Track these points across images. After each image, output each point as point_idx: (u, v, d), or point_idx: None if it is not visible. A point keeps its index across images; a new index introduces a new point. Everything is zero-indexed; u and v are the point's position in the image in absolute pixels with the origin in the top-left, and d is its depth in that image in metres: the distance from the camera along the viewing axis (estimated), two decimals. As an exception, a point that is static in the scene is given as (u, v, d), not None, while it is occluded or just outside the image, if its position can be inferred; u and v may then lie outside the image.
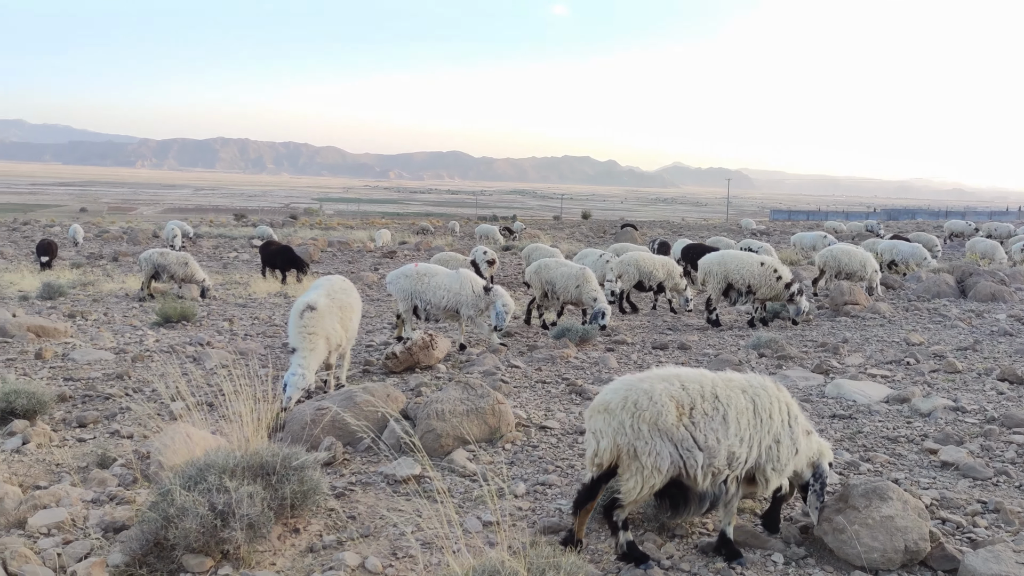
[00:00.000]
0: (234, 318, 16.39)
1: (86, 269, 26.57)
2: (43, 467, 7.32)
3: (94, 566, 5.00)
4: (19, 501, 6.20)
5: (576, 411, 8.51)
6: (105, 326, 15.37)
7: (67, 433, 8.32)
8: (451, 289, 12.20)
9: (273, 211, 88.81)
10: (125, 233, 43.04)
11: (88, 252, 32.95)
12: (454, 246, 37.03)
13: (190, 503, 5.11)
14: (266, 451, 5.79)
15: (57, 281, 21.17)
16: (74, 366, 11.35)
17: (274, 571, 5.11)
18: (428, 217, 77.68)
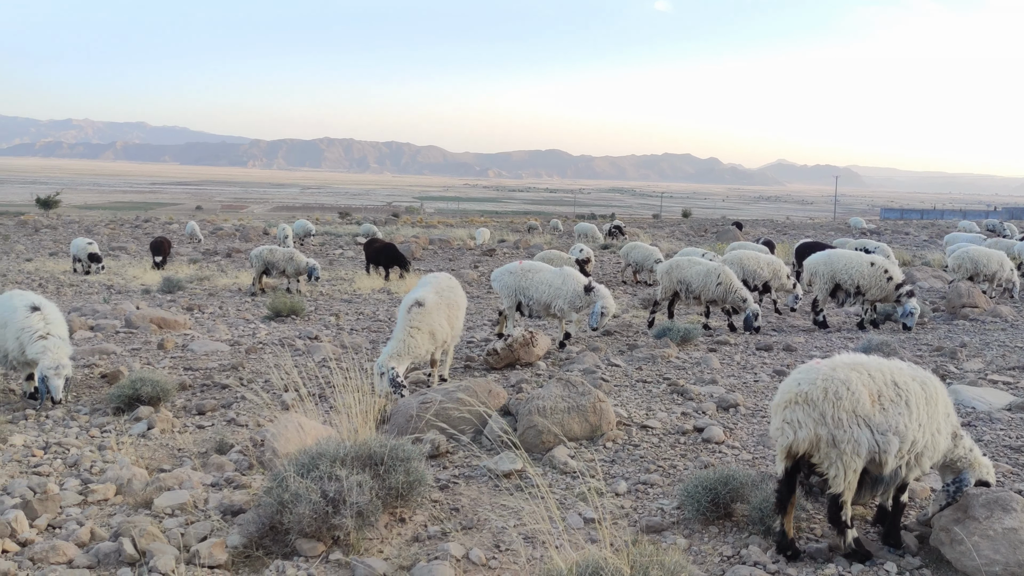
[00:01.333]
0: (340, 313, 16.88)
1: (202, 265, 27.84)
2: (166, 451, 7.73)
3: (214, 547, 5.27)
4: (145, 483, 6.58)
5: (678, 411, 8.43)
6: (220, 319, 16.08)
7: (187, 420, 8.76)
8: (552, 285, 12.25)
9: (376, 209, 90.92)
10: (237, 230, 44.83)
11: (204, 248, 34.49)
12: (553, 244, 37.11)
13: (303, 490, 5.31)
14: (374, 442, 5.97)
15: (176, 276, 22.27)
16: (193, 356, 11.93)
17: (382, 558, 5.27)
18: (526, 215, 78.04)
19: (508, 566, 5.15)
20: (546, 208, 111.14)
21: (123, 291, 20.84)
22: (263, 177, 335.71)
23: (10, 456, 7.37)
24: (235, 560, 5.28)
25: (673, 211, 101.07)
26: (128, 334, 13.86)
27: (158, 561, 5.05)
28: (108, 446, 7.69)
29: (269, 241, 38.60)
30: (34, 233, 40.89)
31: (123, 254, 31.31)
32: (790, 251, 28.97)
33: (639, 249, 23.32)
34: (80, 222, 50.61)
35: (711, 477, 5.75)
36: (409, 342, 9.31)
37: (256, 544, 5.42)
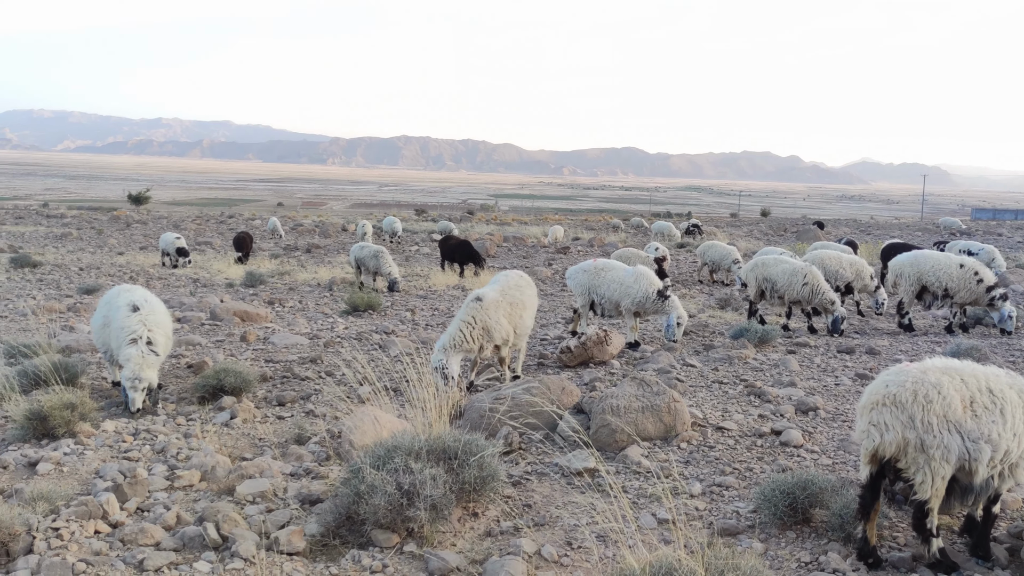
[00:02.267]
0: (416, 309, 17.10)
1: (283, 260, 28.53)
2: (248, 440, 7.96)
3: (293, 534, 5.40)
4: (228, 470, 6.79)
5: (755, 413, 8.28)
6: (300, 313, 16.46)
7: (268, 410, 9.00)
8: (624, 283, 12.15)
9: (451, 207, 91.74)
10: (317, 227, 45.80)
11: (284, 244, 35.36)
12: (628, 243, 36.84)
13: (379, 481, 5.41)
14: (448, 436, 6.03)
15: (258, 270, 22.90)
16: (273, 349, 12.25)
17: (455, 551, 5.32)
18: (601, 214, 77.66)
19: (580, 564, 5.14)
20: (621, 206, 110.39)
21: (208, 284, 21.52)
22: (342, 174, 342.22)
23: (102, 441, 7.69)
24: (313, 548, 5.40)
25: (751, 210, 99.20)
26: (213, 326, 14.31)
27: (240, 546, 5.20)
28: (193, 434, 7.96)
29: (348, 238, 39.33)
30: (126, 228, 42.55)
31: (208, 249, 32.33)
32: (874, 252, 28.14)
33: (716, 248, 22.97)
34: (168, 217, 52.49)
35: (789, 481, 5.63)
36: (458, 336, 9.36)
37: (333, 533, 5.54)
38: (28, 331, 13.25)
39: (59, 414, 7.84)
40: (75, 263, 25.62)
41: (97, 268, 24.42)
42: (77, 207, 65.24)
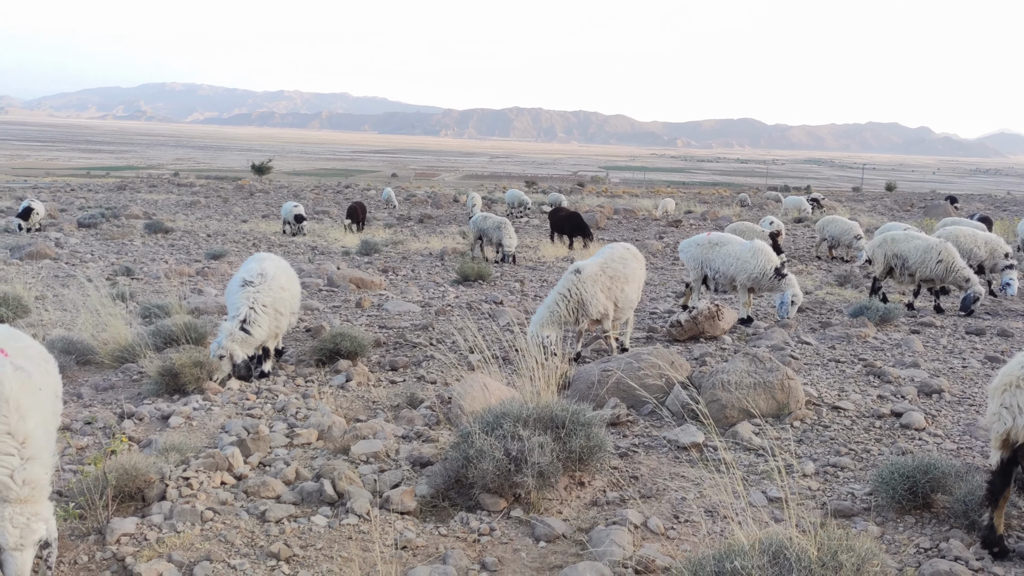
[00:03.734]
0: (525, 279, 17.20)
1: (396, 229, 29.18)
2: (362, 403, 8.23)
3: (404, 494, 5.57)
4: (344, 430, 7.05)
5: (873, 393, 7.98)
6: (412, 281, 16.83)
7: (381, 375, 9.28)
8: (740, 258, 11.86)
9: (561, 178, 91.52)
10: (429, 197, 46.56)
11: (398, 214, 36.12)
12: (742, 216, 35.90)
13: (488, 447, 5.50)
14: (556, 405, 6.07)
15: (372, 239, 23.50)
16: (387, 316, 12.58)
17: (560, 519, 5.37)
18: (715, 187, 75.90)
19: (687, 537, 5.11)
20: (736, 179, 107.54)
21: (325, 252, 22.24)
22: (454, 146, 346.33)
23: (228, 398, 8.11)
24: (423, 508, 5.56)
25: (875, 184, 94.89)
26: (330, 292, 14.81)
27: (355, 503, 5.41)
28: (311, 394, 8.29)
29: (459, 208, 39.83)
30: (249, 197, 44.36)
31: (326, 218, 33.35)
32: (1010, 229, 26.51)
33: (836, 223, 22.08)
34: (289, 187, 54.41)
35: (909, 464, 5.41)
36: (555, 310, 9.35)
37: (442, 495, 5.68)
38: (161, 293, 14.05)
39: (189, 371, 8.31)
40: (203, 229, 26.92)
41: (223, 235, 25.59)
42: (205, 176, 68.44)
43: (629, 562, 4.69)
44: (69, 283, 15.09)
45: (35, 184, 52.77)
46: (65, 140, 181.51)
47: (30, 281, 15.22)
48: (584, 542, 5.03)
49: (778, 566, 3.87)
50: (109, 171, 78.99)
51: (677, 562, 4.45)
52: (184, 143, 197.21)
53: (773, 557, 3.91)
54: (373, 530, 5.08)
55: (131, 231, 24.97)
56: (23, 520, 4.00)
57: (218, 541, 4.97)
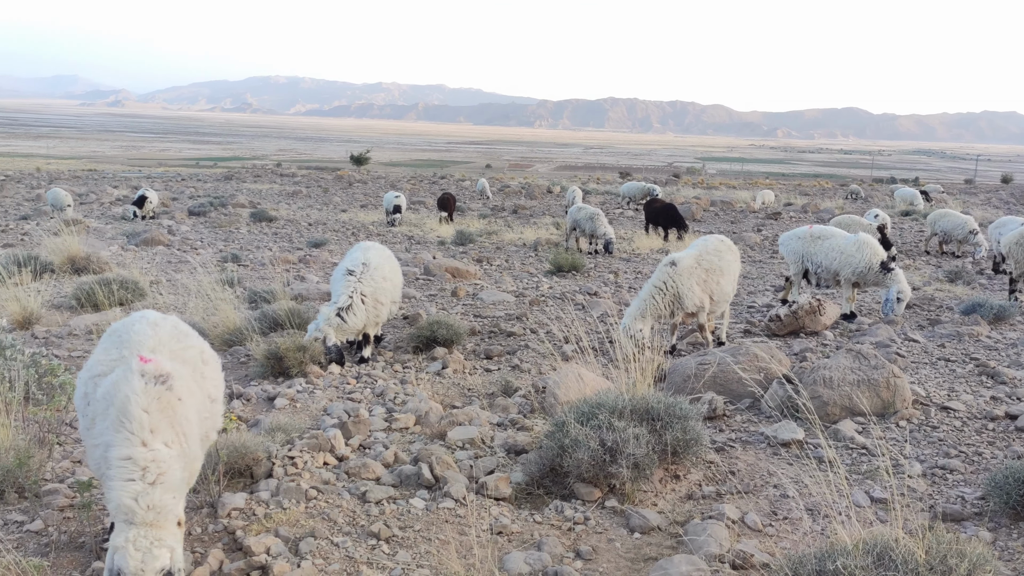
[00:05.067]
0: (619, 271, 17.11)
1: (490, 220, 29.39)
2: (457, 390, 8.36)
3: (500, 480, 5.65)
4: (440, 416, 7.18)
5: (986, 394, 7.62)
6: (506, 271, 16.96)
7: (476, 363, 9.40)
8: (845, 252, 11.49)
9: (656, 169, 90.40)
10: (523, 188, 46.73)
11: (492, 205, 36.39)
12: (845, 209, 34.73)
13: (583, 436, 5.52)
14: (652, 397, 6.04)
15: (467, 229, 23.75)
16: (482, 305, 12.72)
17: (655, 511, 5.35)
18: (816, 179, 73.65)
19: (786, 535, 5.02)
20: (839, 171, 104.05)
21: (421, 242, 22.61)
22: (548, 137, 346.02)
23: (329, 382, 8.37)
24: (517, 495, 5.63)
25: (990, 176, 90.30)
26: (426, 281, 15.07)
27: (451, 488, 5.51)
28: (408, 380, 8.47)
29: (553, 199, 39.85)
30: (348, 187, 45.44)
31: (422, 208, 33.88)
32: None
33: (949, 217, 21.08)
34: (386, 178, 55.49)
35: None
36: (650, 303, 9.24)
37: (537, 483, 5.73)
38: (266, 279, 14.57)
39: (292, 355, 8.61)
40: (304, 219, 27.74)
41: (323, 224, 26.31)
42: (306, 167, 70.43)
43: (726, 557, 4.64)
44: (181, 268, 15.81)
45: (149, 174, 55.40)
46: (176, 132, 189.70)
47: (146, 266, 16.02)
48: (679, 535, 5.00)
49: (883, 568, 3.76)
50: (217, 162, 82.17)
51: (776, 559, 4.38)
52: (286, 134, 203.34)
53: (878, 558, 3.81)
54: (469, 514, 5.18)
55: (237, 219, 25.93)
56: (146, 544, 3.75)
57: (322, 519, 5.15)
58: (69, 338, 10.35)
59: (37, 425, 6.30)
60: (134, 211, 26.36)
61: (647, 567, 4.68)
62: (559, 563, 4.71)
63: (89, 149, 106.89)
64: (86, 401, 4.36)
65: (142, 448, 3.88)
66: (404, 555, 4.75)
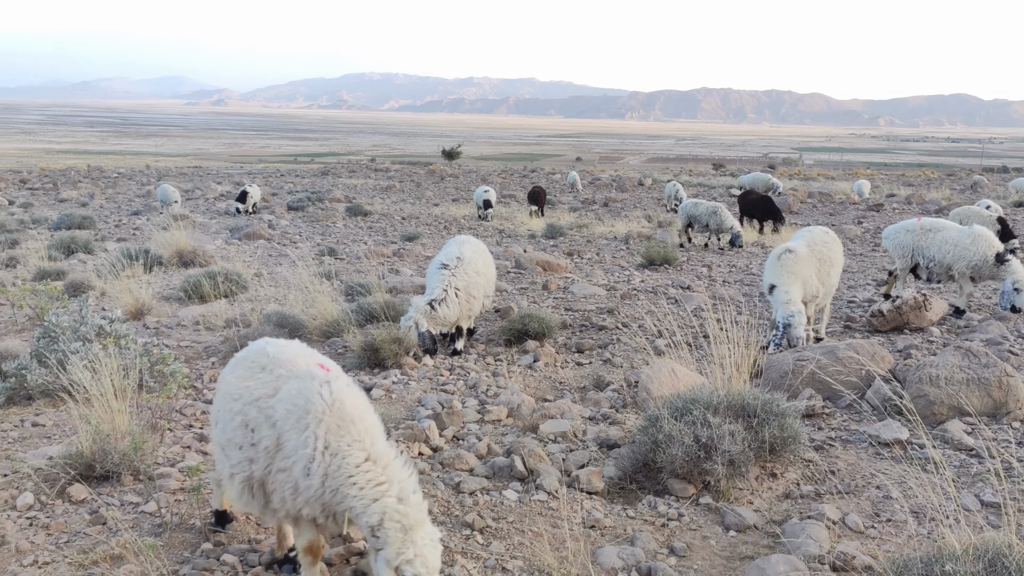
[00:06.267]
0: (712, 264, 16.82)
1: (581, 213, 29.31)
2: (549, 383, 8.39)
3: (593, 474, 5.64)
4: (532, 409, 7.21)
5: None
6: (597, 265, 16.88)
7: (567, 356, 9.40)
8: (959, 245, 10.98)
9: (751, 161, 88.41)
10: (614, 181, 46.40)
11: (583, 198, 36.26)
12: (952, 200, 33.22)
13: (677, 432, 5.46)
14: (748, 394, 5.92)
15: (558, 223, 23.74)
16: (573, 298, 12.70)
17: (751, 509, 5.25)
18: (920, 168, 70.66)
19: (889, 537, 4.85)
20: (944, 160, 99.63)
21: (512, 235, 22.72)
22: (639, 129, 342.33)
23: (423, 374, 8.51)
24: (610, 489, 5.62)
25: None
26: (517, 274, 15.15)
27: (544, 480, 5.54)
28: (500, 373, 8.54)
29: (644, 192, 39.43)
30: (440, 181, 46.03)
31: (512, 201, 34.04)
32: None
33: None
34: (477, 172, 55.95)
35: None
36: (792, 286, 9.10)
37: (630, 478, 5.71)
38: (361, 272, 14.92)
39: (388, 347, 8.80)
40: (398, 213, 28.24)
41: (416, 218, 26.74)
42: (399, 162, 71.69)
43: (826, 558, 4.52)
44: (281, 262, 16.34)
45: (249, 170, 57.37)
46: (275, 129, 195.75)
47: (248, 259, 16.60)
48: (777, 534, 4.90)
49: (995, 574, 3.61)
50: (313, 157, 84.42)
51: (879, 562, 4.24)
52: (380, 130, 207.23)
53: (989, 564, 3.65)
54: (562, 507, 5.19)
55: (334, 214, 26.59)
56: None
57: (417, 508, 5.25)
58: (178, 328, 10.84)
59: (150, 411, 6.62)
60: (237, 207, 27.35)
61: (743, 566, 4.61)
62: (653, 559, 4.68)
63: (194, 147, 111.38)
64: (248, 428, 4.17)
65: (373, 445, 3.81)
66: (498, 546, 4.81)
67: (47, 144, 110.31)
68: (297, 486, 3.87)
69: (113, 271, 13.80)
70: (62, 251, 17.66)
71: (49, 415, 7.27)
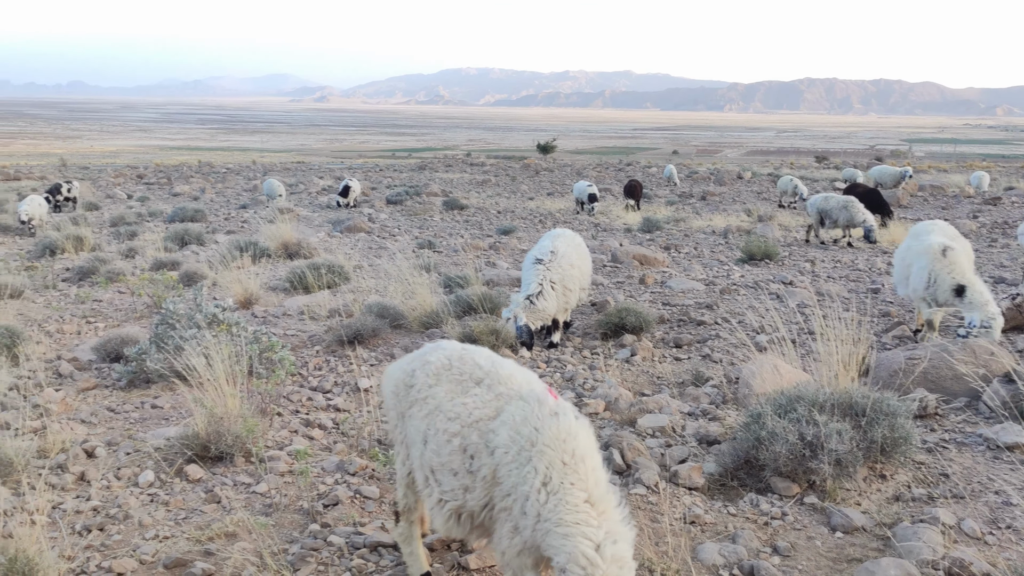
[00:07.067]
0: (816, 259, 16.33)
1: (678, 207, 28.89)
2: (646, 378, 8.32)
3: (692, 470, 5.57)
4: (629, 403, 7.17)
5: None
6: (695, 259, 16.62)
7: (665, 351, 9.29)
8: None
9: (856, 153, 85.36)
10: (712, 174, 45.54)
11: (679, 192, 35.74)
12: (1078, 193, 31.26)
13: (780, 429, 5.34)
14: (856, 392, 5.74)
15: (654, 216, 23.46)
16: (670, 293, 12.55)
17: (859, 511, 5.09)
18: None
19: (1010, 545, 4.62)
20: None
21: (608, 229, 22.58)
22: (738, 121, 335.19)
23: (520, 364, 8.56)
24: (710, 486, 5.53)
25: None
26: (613, 268, 15.06)
27: (643, 475, 5.50)
28: (597, 367, 8.51)
29: (743, 186, 38.57)
30: (535, 175, 46.11)
31: (608, 195, 33.80)
32: None
33: None
34: (572, 165, 55.82)
35: None
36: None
37: (731, 475, 5.61)
38: (459, 265, 15.10)
39: (486, 338, 8.88)
40: (493, 207, 28.44)
41: (511, 212, 26.87)
42: (494, 156, 72.13)
43: (940, 563, 4.33)
44: (381, 254, 16.70)
45: (350, 165, 58.81)
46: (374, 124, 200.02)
47: (349, 252, 17.04)
48: (886, 537, 4.73)
49: None
50: (411, 152, 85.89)
51: (999, 570, 4.05)
52: (476, 125, 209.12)
53: (1123, 578, 3.44)
54: (661, 502, 5.15)
55: (431, 208, 26.99)
56: None
57: (516, 497, 5.29)
58: (284, 317, 11.21)
59: (259, 396, 6.89)
60: (338, 200, 28.09)
61: (850, 568, 4.47)
62: (755, 557, 4.59)
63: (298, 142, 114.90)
64: (467, 454, 3.77)
65: (595, 487, 3.38)
66: (596, 538, 4.80)
67: (161, 141, 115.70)
68: (516, 526, 3.49)
69: (223, 262, 14.38)
70: (176, 243, 18.50)
71: (167, 398, 7.64)
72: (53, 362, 8.98)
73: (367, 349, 9.39)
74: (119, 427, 7.03)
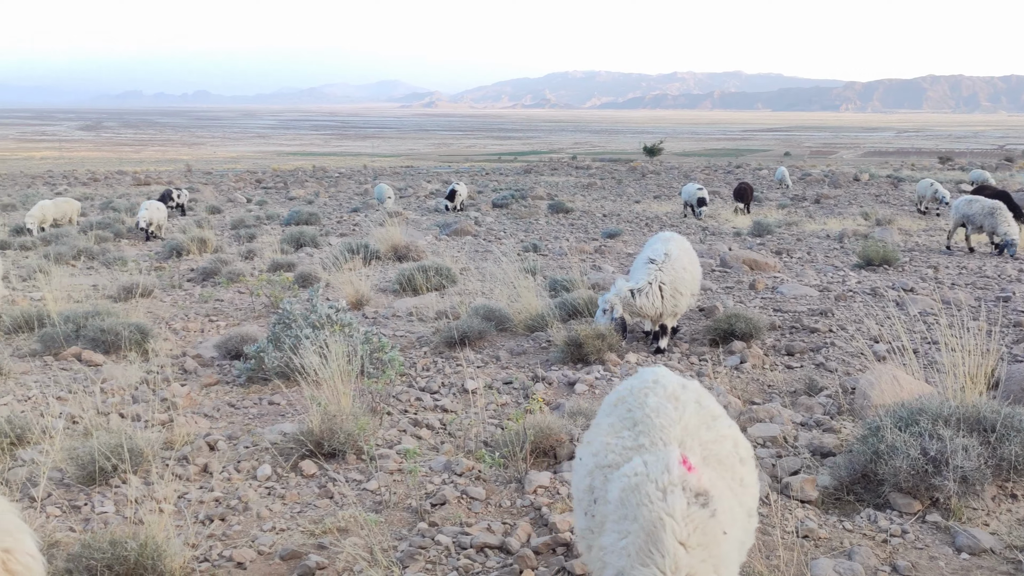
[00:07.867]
0: (939, 266, 15.57)
1: (790, 210, 28.07)
2: (757, 386, 8.11)
3: (805, 482, 5.40)
4: (739, 412, 7.01)
5: None
6: (808, 264, 16.10)
7: (776, 359, 9.03)
8: None
9: (984, 153, 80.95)
10: (826, 176, 44.05)
11: (792, 194, 34.71)
12: None
13: (901, 443, 5.11)
14: (984, 406, 5.45)
15: (765, 220, 22.86)
16: (782, 299, 12.19)
17: (988, 531, 4.82)
18: None
19: None
20: None
21: (716, 233, 22.15)
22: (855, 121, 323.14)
23: (626, 371, 8.50)
24: (824, 499, 5.35)
25: None
26: (722, 273, 14.75)
27: (754, 485, 5.36)
28: (705, 373, 8.35)
29: (860, 188, 37.15)
30: (641, 178, 45.69)
31: (716, 198, 33.14)
32: None
33: None
34: (679, 168, 55.02)
35: None
36: None
37: (846, 488, 5.41)
38: (564, 268, 15.10)
39: (591, 343, 8.85)
40: (599, 210, 28.31)
41: (617, 215, 26.69)
42: (600, 159, 71.83)
43: (1079, 593, 4.07)
44: (487, 257, 16.87)
45: (456, 169, 59.73)
46: (481, 129, 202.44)
47: (456, 255, 17.28)
48: (1018, 561, 4.46)
49: None
50: (517, 156, 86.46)
51: None
52: (582, 128, 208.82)
53: None
54: (773, 514, 5.01)
55: (536, 211, 27.11)
56: None
57: (621, 503, 5.25)
58: (393, 319, 11.47)
59: (371, 396, 7.06)
60: (446, 204, 28.55)
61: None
62: (873, 575, 4.41)
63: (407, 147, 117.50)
64: (592, 496, 3.45)
65: None
66: (704, 548, 4.70)
67: (278, 147, 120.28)
68: None
69: (336, 264, 14.83)
70: (292, 245, 19.21)
71: (283, 394, 7.93)
72: (179, 358, 9.46)
73: (474, 351, 9.51)
74: (239, 422, 7.34)
